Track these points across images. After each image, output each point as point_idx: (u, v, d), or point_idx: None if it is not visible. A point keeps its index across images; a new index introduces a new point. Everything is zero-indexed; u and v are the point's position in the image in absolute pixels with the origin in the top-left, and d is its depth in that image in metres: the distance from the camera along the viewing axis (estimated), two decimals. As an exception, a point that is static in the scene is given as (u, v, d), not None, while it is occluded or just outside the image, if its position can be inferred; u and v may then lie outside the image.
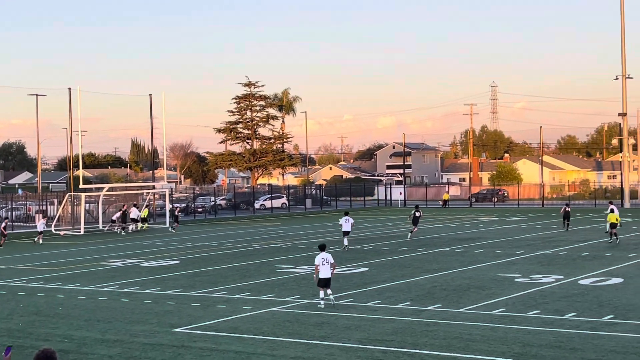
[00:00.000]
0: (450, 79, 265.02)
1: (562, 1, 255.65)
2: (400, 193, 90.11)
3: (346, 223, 38.35)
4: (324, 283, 21.29)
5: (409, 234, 43.82)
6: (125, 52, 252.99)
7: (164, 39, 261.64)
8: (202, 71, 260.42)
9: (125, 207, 55.77)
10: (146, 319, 20.40)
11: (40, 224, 47.69)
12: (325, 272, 21.21)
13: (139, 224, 56.30)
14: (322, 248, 21.87)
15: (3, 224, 45.77)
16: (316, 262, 21.42)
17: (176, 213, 56.76)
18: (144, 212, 58.03)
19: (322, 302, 21.43)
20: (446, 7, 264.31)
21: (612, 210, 40.58)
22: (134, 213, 55.80)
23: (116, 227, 54.26)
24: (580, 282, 25.18)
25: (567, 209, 47.85)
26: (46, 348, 8.05)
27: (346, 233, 38.53)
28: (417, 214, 43.90)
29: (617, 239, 37.92)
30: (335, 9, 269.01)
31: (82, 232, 54.31)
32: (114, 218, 55.17)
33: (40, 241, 46.29)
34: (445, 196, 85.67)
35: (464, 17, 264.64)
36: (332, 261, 21.33)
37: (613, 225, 38.17)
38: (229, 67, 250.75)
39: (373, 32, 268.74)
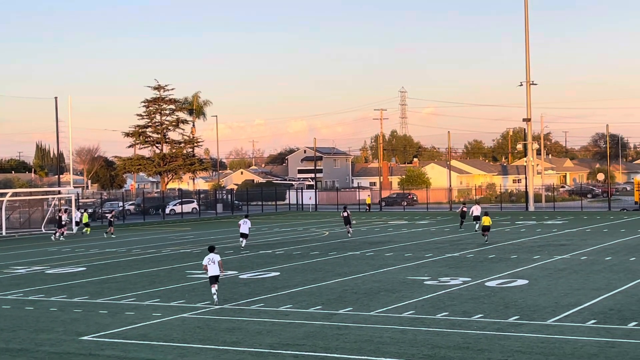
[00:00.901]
0: (360, 84, 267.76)
1: (468, 9, 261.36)
2: (311, 198, 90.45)
3: (244, 225, 41.12)
4: (213, 280, 22.83)
5: (348, 234, 47.29)
6: (31, 54, 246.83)
7: (70, 41, 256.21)
8: (110, 74, 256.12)
9: (61, 212, 54.47)
10: (52, 327, 19.89)
11: None
12: (213, 271, 22.76)
13: (85, 229, 55.92)
14: (211, 249, 23.39)
15: None
16: (204, 262, 23.00)
17: (110, 218, 55.37)
18: (84, 217, 56.77)
19: (215, 297, 22.91)
20: (356, 13, 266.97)
21: (485, 213, 42.96)
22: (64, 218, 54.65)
23: (56, 234, 52.54)
24: (487, 284, 25.71)
25: (464, 208, 52.13)
26: None
27: (244, 235, 41.15)
28: (345, 214, 47.90)
29: (485, 240, 40.65)
30: (244, 14, 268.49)
31: (-16, 239, 52.68)
32: (64, 222, 53.85)
33: None
34: (368, 200, 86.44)
35: (374, 23, 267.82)
36: (219, 259, 22.88)
37: (486, 228, 40.99)
38: (138, 71, 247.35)
39: (284, 37, 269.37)
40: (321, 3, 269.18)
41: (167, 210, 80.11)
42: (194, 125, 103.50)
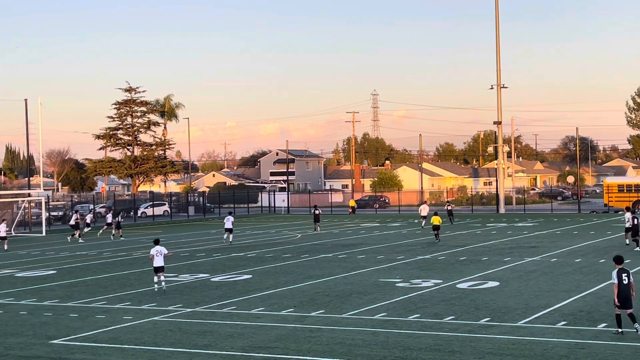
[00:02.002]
0: (332, 86, 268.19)
1: (440, 13, 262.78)
2: (284, 200, 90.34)
3: (228, 221, 45.52)
4: (159, 270, 25.69)
5: (316, 230, 53.77)
6: (0, 55, 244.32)
7: (41, 42, 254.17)
8: (81, 76, 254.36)
9: (77, 215, 54.08)
10: (21, 331, 19.71)
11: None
12: (158, 262, 25.60)
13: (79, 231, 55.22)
14: (157, 242, 26.26)
15: None
16: (152, 253, 25.81)
17: (119, 219, 54.44)
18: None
19: (156, 286, 25.83)
20: (328, 16, 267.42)
21: (435, 213, 45.32)
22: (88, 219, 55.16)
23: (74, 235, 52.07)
24: (458, 285, 25.84)
25: (449, 207, 58.73)
26: None
27: (228, 230, 45.35)
28: (317, 212, 55.03)
29: (437, 239, 43.12)
30: (217, 15, 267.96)
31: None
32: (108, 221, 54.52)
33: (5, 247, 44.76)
34: (352, 202, 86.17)
35: (346, 26, 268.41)
36: (166, 252, 25.91)
37: (436, 227, 43.11)
38: (109, 73, 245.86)
39: (256, 39, 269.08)
40: (293, 6, 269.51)
41: (139, 213, 79.68)
42: (165, 128, 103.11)
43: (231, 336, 18.40)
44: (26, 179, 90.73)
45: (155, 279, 25.93)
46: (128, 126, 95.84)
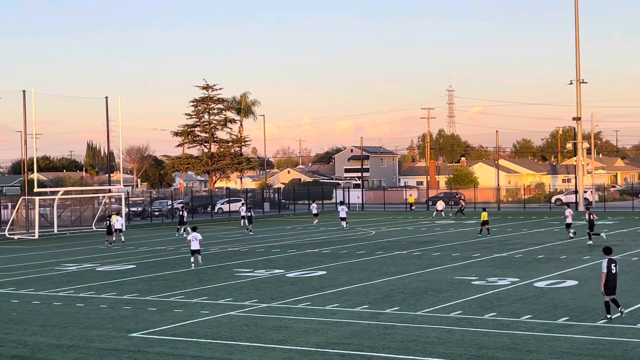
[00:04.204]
0: (408, 83, 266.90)
1: (518, 7, 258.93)
2: (358, 197, 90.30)
3: (342, 211, 54.21)
4: (195, 252, 32.02)
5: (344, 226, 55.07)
6: (82, 54, 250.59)
7: (121, 41, 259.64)
8: (160, 74, 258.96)
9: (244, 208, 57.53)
10: (102, 324, 20.18)
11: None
12: (195, 245, 31.89)
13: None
14: (194, 229, 32.57)
15: None
16: (189, 238, 32.21)
17: (248, 213, 55.19)
18: (113, 217, 57.37)
19: (193, 265, 31.93)
20: (404, 12, 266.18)
21: (483, 209, 47.74)
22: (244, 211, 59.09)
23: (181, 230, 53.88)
24: (536, 284, 25.45)
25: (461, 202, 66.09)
26: None
27: (343, 219, 53.80)
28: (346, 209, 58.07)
29: (488, 232, 45.71)
30: (292, 13, 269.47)
31: (36, 236, 53.61)
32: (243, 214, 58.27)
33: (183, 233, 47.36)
34: (411, 199, 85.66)
35: (422, 21, 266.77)
36: (200, 237, 32.16)
37: (485, 222, 45.69)
38: (187, 70, 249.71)
39: (331, 36, 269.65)
40: (368, 2, 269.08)
41: (215, 209, 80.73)
42: (241, 125, 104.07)
43: (306, 332, 18.50)
44: (107, 175, 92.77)
45: (192, 259, 32.28)
46: (205, 123, 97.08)
